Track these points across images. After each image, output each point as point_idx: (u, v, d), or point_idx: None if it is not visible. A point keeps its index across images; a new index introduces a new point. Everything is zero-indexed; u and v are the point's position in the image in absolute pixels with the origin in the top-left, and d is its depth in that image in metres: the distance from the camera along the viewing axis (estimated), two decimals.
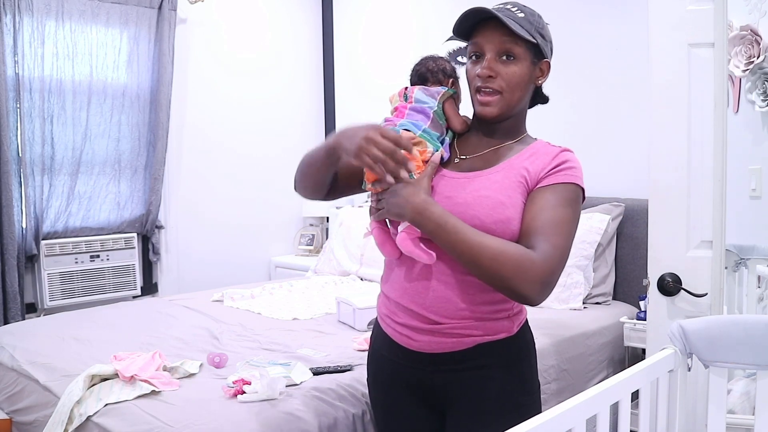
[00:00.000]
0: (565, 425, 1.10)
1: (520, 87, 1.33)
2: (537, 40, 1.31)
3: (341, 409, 1.76)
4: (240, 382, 1.77)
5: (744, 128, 2.33)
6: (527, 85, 1.34)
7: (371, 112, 4.27)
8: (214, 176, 4.13)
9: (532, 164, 1.32)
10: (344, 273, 3.58)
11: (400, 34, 4.10)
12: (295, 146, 4.52)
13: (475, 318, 1.32)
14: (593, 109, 3.17)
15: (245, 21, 4.24)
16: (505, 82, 1.31)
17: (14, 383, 2.13)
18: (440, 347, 1.34)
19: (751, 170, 2.31)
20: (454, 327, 1.33)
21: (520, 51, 1.30)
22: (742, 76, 2.31)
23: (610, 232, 2.93)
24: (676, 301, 1.84)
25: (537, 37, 1.31)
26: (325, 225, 4.52)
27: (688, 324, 1.48)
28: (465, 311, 1.32)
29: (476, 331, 1.33)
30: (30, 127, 3.34)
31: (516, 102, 1.34)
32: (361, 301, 2.46)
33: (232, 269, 4.18)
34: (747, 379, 1.95)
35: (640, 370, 1.34)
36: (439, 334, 1.33)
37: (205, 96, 4.07)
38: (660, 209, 1.86)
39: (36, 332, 2.46)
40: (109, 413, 1.71)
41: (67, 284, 3.47)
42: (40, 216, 3.39)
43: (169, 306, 2.90)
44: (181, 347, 2.24)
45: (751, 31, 2.27)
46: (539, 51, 1.33)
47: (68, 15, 3.41)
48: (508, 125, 1.39)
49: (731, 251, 2.14)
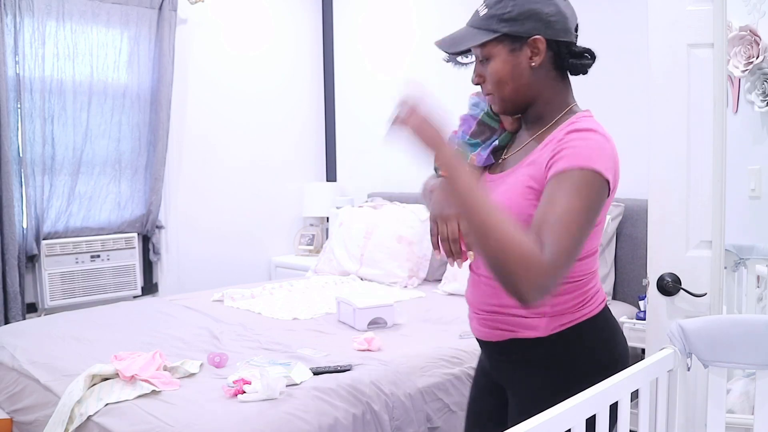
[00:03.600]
0: (564, 425, 1.11)
1: (506, 81, 1.29)
2: (502, 31, 1.26)
3: (341, 409, 1.76)
4: (240, 381, 1.78)
5: (743, 128, 2.34)
6: (517, 75, 1.29)
7: (371, 112, 4.29)
8: (214, 176, 4.14)
9: (540, 156, 1.25)
10: (344, 273, 3.58)
11: (400, 31, 4.11)
12: (295, 146, 4.54)
13: (504, 313, 1.33)
14: (592, 109, 3.16)
15: (245, 21, 4.24)
16: (491, 83, 1.31)
17: (15, 383, 2.14)
18: (485, 336, 1.39)
19: (751, 170, 2.32)
20: (487, 319, 1.36)
21: (491, 50, 1.29)
22: (742, 76, 2.31)
23: (609, 232, 2.93)
24: (676, 301, 1.85)
25: (501, 27, 1.26)
26: (325, 225, 4.53)
27: (687, 324, 1.48)
28: (495, 306, 1.33)
29: (506, 326, 1.33)
30: (31, 128, 3.34)
31: (511, 94, 1.30)
32: (361, 301, 2.47)
33: (233, 269, 4.19)
34: (746, 379, 1.96)
35: (639, 370, 1.34)
36: (482, 324, 1.38)
37: (205, 96, 4.08)
38: (659, 209, 1.87)
39: (36, 332, 2.46)
40: (109, 413, 1.71)
41: (67, 284, 3.47)
42: (40, 216, 3.40)
43: (170, 306, 2.91)
44: (182, 347, 2.25)
45: (751, 31, 2.27)
46: (517, 36, 1.26)
47: (69, 15, 3.42)
48: (532, 114, 1.34)
49: (730, 251, 2.14)
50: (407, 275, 3.35)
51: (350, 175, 4.56)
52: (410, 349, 2.11)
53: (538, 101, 1.33)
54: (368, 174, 4.40)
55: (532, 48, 1.27)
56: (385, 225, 3.52)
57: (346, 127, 4.56)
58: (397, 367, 1.98)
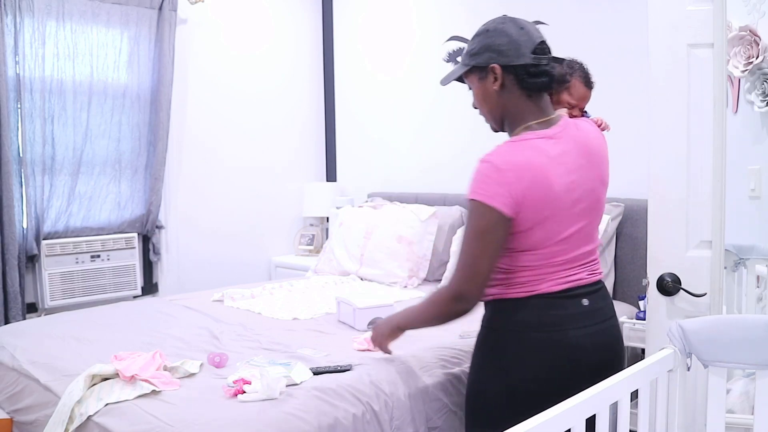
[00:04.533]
0: (564, 425, 1.11)
1: (481, 103, 1.63)
2: (471, 64, 1.58)
3: (341, 409, 1.76)
4: (240, 381, 1.78)
5: (743, 128, 2.34)
6: (488, 97, 1.60)
7: (371, 112, 4.29)
8: (214, 176, 4.14)
9: None
10: (344, 273, 3.58)
11: (400, 31, 4.11)
12: (295, 146, 4.54)
13: None
14: (592, 109, 3.16)
15: (245, 21, 4.25)
16: (476, 106, 1.66)
17: (15, 383, 2.14)
18: None
19: (751, 170, 2.32)
20: None
21: (469, 79, 1.63)
22: (741, 76, 2.32)
23: (609, 232, 2.93)
24: (676, 301, 1.85)
25: (470, 61, 1.59)
26: (325, 225, 4.53)
27: (687, 324, 1.48)
28: None
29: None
30: (31, 128, 3.35)
31: (488, 114, 1.64)
32: (361, 301, 2.47)
33: (233, 269, 4.19)
34: (746, 379, 1.96)
35: (639, 370, 1.34)
36: None
37: (205, 96, 4.08)
38: (659, 209, 1.87)
39: (36, 332, 2.46)
40: (109, 413, 1.71)
41: (67, 284, 3.47)
42: (40, 216, 3.40)
43: (170, 306, 2.91)
44: (182, 347, 2.25)
45: (750, 31, 2.27)
46: (480, 66, 1.57)
47: (69, 15, 3.42)
48: (507, 131, 1.64)
49: (730, 251, 2.14)
50: (407, 275, 3.35)
51: (350, 175, 4.56)
52: (410, 349, 2.11)
53: (507, 119, 1.62)
54: (368, 174, 4.40)
55: (492, 74, 1.56)
56: (385, 225, 3.52)
57: (346, 127, 4.56)
58: (396, 367, 1.98)
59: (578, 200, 1.56)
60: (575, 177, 1.54)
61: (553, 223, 1.53)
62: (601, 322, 1.61)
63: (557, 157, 1.52)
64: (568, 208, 1.54)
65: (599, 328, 1.60)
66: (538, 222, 1.51)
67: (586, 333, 1.57)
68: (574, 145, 1.56)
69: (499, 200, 1.47)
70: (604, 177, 1.66)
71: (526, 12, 3.16)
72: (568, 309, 1.57)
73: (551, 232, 1.53)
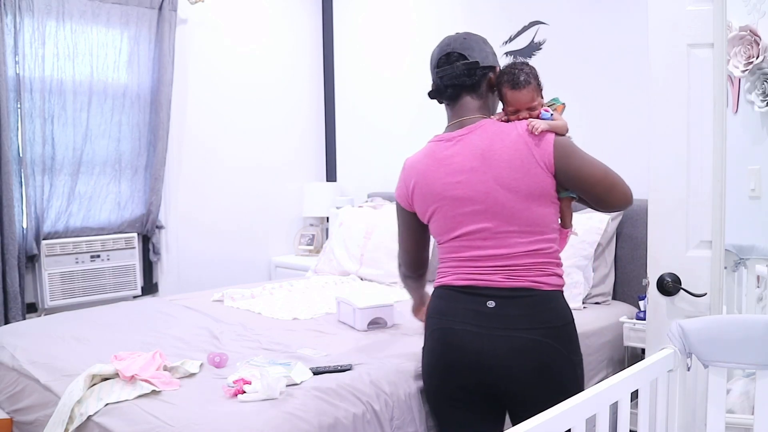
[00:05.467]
0: (564, 425, 1.11)
1: None
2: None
3: (341, 408, 1.76)
4: (240, 381, 1.78)
5: (743, 128, 2.34)
6: None
7: (371, 112, 4.29)
8: (214, 176, 4.14)
9: None
10: (344, 273, 3.58)
11: (400, 31, 4.11)
12: (295, 146, 4.54)
13: None
14: (592, 109, 3.17)
15: (245, 21, 4.25)
16: None
17: (15, 383, 2.14)
18: None
19: (751, 170, 2.32)
20: None
21: None
22: (742, 76, 2.31)
23: (609, 232, 2.93)
24: (676, 301, 1.85)
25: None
26: (325, 225, 4.53)
27: (687, 324, 1.48)
28: None
29: None
30: (31, 128, 3.35)
31: None
32: (361, 301, 2.47)
33: (233, 269, 4.19)
34: (746, 379, 1.96)
35: (639, 370, 1.34)
36: None
37: (205, 96, 4.08)
38: (659, 209, 1.87)
39: (37, 332, 2.46)
40: (109, 413, 1.71)
41: (67, 284, 3.47)
42: (40, 216, 3.40)
43: (170, 306, 2.91)
44: (182, 347, 2.25)
45: (750, 31, 2.27)
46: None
47: (69, 15, 3.42)
48: None
49: (730, 251, 2.14)
50: None
51: (350, 175, 4.56)
52: (410, 348, 2.11)
53: None
54: (368, 174, 4.40)
55: None
56: (385, 225, 3.52)
57: (346, 127, 4.56)
58: (397, 367, 1.98)
59: (467, 200, 1.64)
60: (462, 178, 1.65)
61: (442, 218, 1.70)
62: (504, 328, 1.60)
63: (444, 159, 1.68)
64: (456, 207, 1.67)
65: (501, 334, 1.60)
66: (430, 216, 1.74)
67: (477, 333, 1.61)
68: (467, 149, 1.66)
69: (399, 194, 1.82)
70: (506, 181, 1.61)
71: (527, 12, 3.18)
72: (468, 305, 1.64)
73: (444, 227, 1.71)
